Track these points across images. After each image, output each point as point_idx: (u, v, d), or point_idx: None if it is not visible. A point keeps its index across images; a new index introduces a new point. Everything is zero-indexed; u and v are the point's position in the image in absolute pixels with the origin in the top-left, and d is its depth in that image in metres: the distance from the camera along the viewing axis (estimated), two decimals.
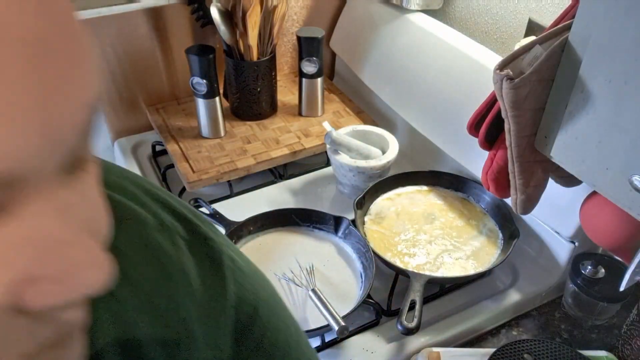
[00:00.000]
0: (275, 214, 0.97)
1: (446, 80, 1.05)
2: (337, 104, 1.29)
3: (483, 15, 1.13)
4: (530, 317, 0.91)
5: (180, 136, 1.16)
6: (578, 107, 0.58)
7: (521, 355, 0.75)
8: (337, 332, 0.76)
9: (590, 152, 0.58)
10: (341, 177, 1.08)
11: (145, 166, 1.20)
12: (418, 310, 0.79)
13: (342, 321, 0.77)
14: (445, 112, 1.05)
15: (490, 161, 0.79)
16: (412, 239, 0.95)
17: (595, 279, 0.85)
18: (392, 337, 0.84)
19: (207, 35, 1.23)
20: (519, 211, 0.75)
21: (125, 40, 1.16)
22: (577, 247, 0.89)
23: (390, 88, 1.19)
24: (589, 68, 0.56)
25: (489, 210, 1.01)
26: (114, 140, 1.28)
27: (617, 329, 0.87)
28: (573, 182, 0.75)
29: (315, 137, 1.18)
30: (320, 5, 1.35)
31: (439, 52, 1.08)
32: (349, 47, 1.33)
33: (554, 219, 0.90)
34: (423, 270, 0.89)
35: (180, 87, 1.28)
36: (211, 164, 1.09)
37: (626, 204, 0.56)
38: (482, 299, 0.91)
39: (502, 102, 0.65)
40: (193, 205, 0.98)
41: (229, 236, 0.92)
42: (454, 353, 0.79)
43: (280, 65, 1.38)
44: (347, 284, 0.88)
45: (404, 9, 1.19)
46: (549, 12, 0.98)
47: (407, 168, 1.10)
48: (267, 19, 1.11)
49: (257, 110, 1.22)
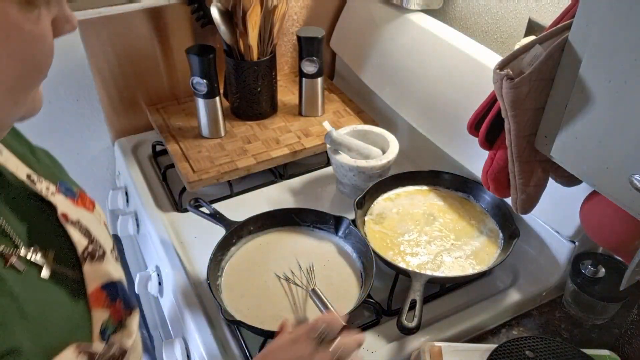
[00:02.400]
0: (276, 213, 0.97)
1: (446, 80, 1.05)
2: (337, 104, 1.29)
3: (483, 15, 1.13)
4: (531, 317, 0.91)
5: (181, 136, 1.17)
6: (578, 107, 0.58)
7: (523, 352, 0.75)
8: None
9: (591, 152, 0.58)
10: (341, 177, 1.08)
11: (145, 166, 1.20)
12: (418, 310, 0.79)
13: (342, 321, 0.77)
14: (445, 112, 1.05)
15: (491, 161, 0.79)
16: (415, 240, 0.95)
17: (596, 279, 0.85)
18: (392, 337, 0.84)
19: (207, 35, 1.23)
20: (519, 211, 0.76)
21: (125, 40, 1.16)
22: (578, 246, 0.89)
23: (390, 88, 1.19)
24: (589, 68, 0.56)
25: (489, 210, 1.01)
26: (114, 140, 1.28)
27: (617, 329, 0.87)
28: (573, 181, 0.75)
29: (315, 137, 1.18)
30: (320, 5, 1.35)
31: (439, 51, 1.08)
32: (349, 47, 1.33)
33: (554, 218, 0.90)
34: (423, 269, 0.89)
35: (180, 87, 1.28)
36: (211, 163, 1.09)
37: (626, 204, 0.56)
38: (483, 298, 0.91)
39: (502, 101, 0.65)
40: (194, 205, 0.98)
41: (230, 236, 0.92)
42: (455, 347, 0.79)
43: (280, 65, 1.38)
44: (348, 284, 0.88)
45: (404, 9, 1.19)
46: (549, 12, 0.98)
47: (407, 168, 1.10)
48: (267, 18, 1.11)
49: (258, 110, 1.22)
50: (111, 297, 0.53)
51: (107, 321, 0.52)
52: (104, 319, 0.51)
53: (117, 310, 0.53)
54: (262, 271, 0.89)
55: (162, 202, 1.10)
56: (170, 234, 1.02)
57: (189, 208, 0.99)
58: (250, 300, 0.85)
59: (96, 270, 0.52)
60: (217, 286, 0.86)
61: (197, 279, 0.94)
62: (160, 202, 1.10)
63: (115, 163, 1.32)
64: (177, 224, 1.05)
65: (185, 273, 0.94)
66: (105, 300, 0.52)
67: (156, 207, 1.09)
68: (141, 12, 1.14)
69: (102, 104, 1.23)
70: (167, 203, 1.10)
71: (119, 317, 0.53)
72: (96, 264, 0.53)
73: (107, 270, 0.54)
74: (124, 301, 0.55)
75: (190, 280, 0.93)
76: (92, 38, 1.13)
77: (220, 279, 0.88)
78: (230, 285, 0.87)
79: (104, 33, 1.13)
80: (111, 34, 1.14)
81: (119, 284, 0.55)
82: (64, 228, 0.52)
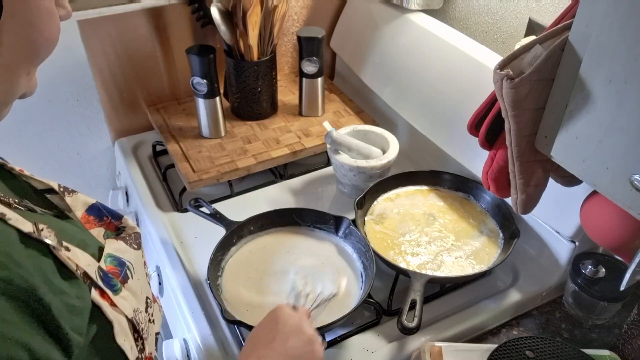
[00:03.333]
0: (276, 213, 0.97)
1: (446, 80, 1.05)
2: (338, 104, 1.29)
3: (483, 15, 1.13)
4: (531, 317, 0.91)
5: (181, 136, 1.17)
6: (578, 107, 0.58)
7: (523, 352, 0.75)
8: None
9: (591, 152, 0.58)
10: (341, 177, 1.08)
11: (145, 166, 1.20)
12: (418, 310, 0.79)
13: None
14: (445, 112, 1.05)
15: (491, 161, 0.79)
16: (416, 240, 0.95)
17: (596, 279, 0.85)
18: (392, 337, 0.84)
19: (208, 35, 1.23)
20: (519, 211, 0.75)
21: (125, 40, 1.16)
22: (578, 246, 0.89)
23: (390, 88, 1.19)
24: (589, 68, 0.56)
25: (490, 210, 1.01)
26: (114, 140, 1.28)
27: (617, 329, 0.87)
28: (573, 181, 0.75)
29: (315, 136, 1.18)
30: (321, 5, 1.35)
31: (439, 51, 1.08)
32: (349, 47, 1.33)
33: (554, 218, 0.90)
34: (424, 269, 0.89)
35: (180, 87, 1.28)
36: (212, 163, 1.09)
37: (626, 204, 0.56)
38: (483, 298, 0.91)
39: (502, 101, 0.65)
40: (194, 205, 0.98)
41: (230, 236, 0.92)
42: (455, 347, 0.79)
43: (280, 65, 1.38)
44: (348, 284, 0.88)
45: (404, 9, 1.19)
46: (549, 12, 0.98)
47: (407, 168, 1.10)
48: (267, 18, 1.11)
49: (258, 110, 1.22)
50: (98, 217, 0.62)
51: (106, 233, 0.62)
52: (102, 234, 0.61)
53: (109, 224, 0.63)
54: (262, 271, 0.89)
55: (163, 202, 1.10)
56: (170, 234, 1.02)
57: (189, 208, 0.99)
58: (250, 300, 0.85)
59: (75, 200, 0.60)
60: (217, 286, 0.86)
61: (197, 279, 0.94)
62: (160, 202, 1.10)
63: (116, 163, 1.32)
64: (177, 224, 1.05)
65: (185, 273, 0.94)
66: (94, 220, 0.61)
67: (156, 207, 1.09)
68: (141, 12, 1.14)
69: (102, 104, 1.23)
70: (167, 203, 1.10)
71: (113, 228, 0.63)
72: (73, 195, 0.60)
73: (84, 198, 0.62)
74: (111, 215, 0.63)
75: (190, 280, 0.93)
76: (92, 38, 1.13)
77: (220, 279, 0.88)
78: (230, 285, 0.87)
79: (104, 33, 1.13)
80: (111, 34, 1.14)
81: (97, 204, 0.62)
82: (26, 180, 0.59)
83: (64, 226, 0.54)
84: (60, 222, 0.54)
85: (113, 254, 0.57)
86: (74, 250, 0.50)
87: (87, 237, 0.56)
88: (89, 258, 0.52)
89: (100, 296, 0.50)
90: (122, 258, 0.57)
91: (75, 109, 1.24)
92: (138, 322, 0.55)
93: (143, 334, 0.57)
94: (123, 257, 0.58)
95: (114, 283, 0.53)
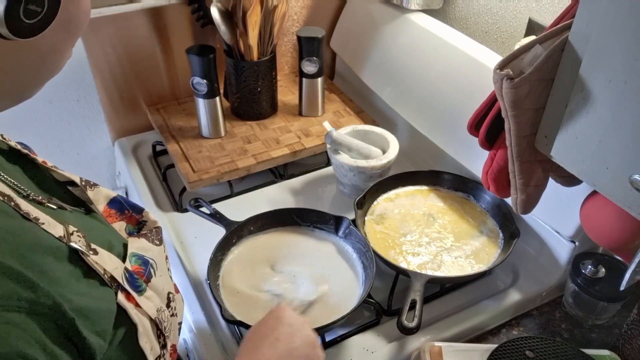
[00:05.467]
0: (276, 213, 0.97)
1: (446, 80, 1.05)
2: (338, 104, 1.29)
3: (483, 15, 1.13)
4: (531, 317, 0.91)
5: (181, 136, 1.17)
6: (578, 107, 0.58)
7: (523, 352, 0.75)
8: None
9: (591, 152, 0.58)
10: (341, 177, 1.08)
11: (145, 166, 1.20)
12: (418, 310, 0.79)
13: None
14: (445, 112, 1.05)
15: (491, 161, 0.79)
16: (417, 240, 0.95)
17: (596, 279, 0.85)
18: (392, 337, 0.84)
19: (207, 35, 1.23)
20: (519, 211, 0.75)
21: (125, 40, 1.16)
22: (578, 246, 0.89)
23: (390, 88, 1.19)
24: (589, 68, 0.56)
25: (490, 210, 1.01)
26: (114, 140, 1.28)
27: (617, 329, 0.87)
28: (573, 181, 0.75)
29: (315, 136, 1.18)
30: (321, 5, 1.35)
31: (439, 51, 1.08)
32: (349, 47, 1.33)
33: (554, 218, 0.90)
34: (423, 269, 0.89)
35: (180, 87, 1.28)
36: (212, 163, 1.09)
37: (626, 204, 0.56)
38: (483, 298, 0.91)
39: (502, 101, 0.65)
40: (194, 205, 0.98)
41: (230, 236, 0.92)
42: (455, 347, 0.79)
43: (280, 65, 1.38)
44: (348, 284, 0.88)
45: (404, 9, 1.19)
46: (549, 12, 0.98)
47: (407, 168, 1.10)
48: (267, 18, 1.11)
49: (258, 110, 1.22)
50: (119, 210, 0.63)
51: (127, 227, 0.64)
52: (123, 228, 0.63)
53: (130, 218, 0.64)
54: (262, 271, 0.89)
55: (162, 202, 1.10)
56: (170, 234, 1.02)
57: (189, 208, 0.99)
58: (250, 300, 0.85)
59: (96, 193, 0.62)
60: (217, 286, 0.86)
61: (197, 279, 0.94)
62: (160, 202, 1.10)
63: (116, 163, 1.32)
64: (177, 224, 1.05)
65: (185, 273, 0.94)
66: (116, 214, 0.63)
67: (156, 207, 1.09)
68: (141, 12, 1.14)
69: (103, 104, 1.23)
70: (167, 203, 1.10)
71: (135, 222, 0.64)
72: (95, 189, 0.62)
73: (105, 192, 0.63)
74: (132, 209, 0.65)
75: (190, 280, 0.93)
76: (92, 38, 1.13)
77: (220, 279, 0.88)
78: (230, 285, 0.87)
79: (104, 33, 1.13)
80: (111, 34, 1.14)
81: (119, 197, 0.63)
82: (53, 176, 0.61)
83: (91, 225, 0.55)
84: (88, 220, 0.55)
85: (137, 253, 0.57)
86: (102, 253, 0.50)
87: (112, 235, 0.57)
88: (116, 260, 0.52)
89: (126, 299, 0.51)
90: (146, 256, 0.58)
91: (75, 109, 1.24)
92: (161, 321, 0.56)
93: (165, 332, 0.57)
94: (146, 255, 0.58)
95: (139, 284, 0.54)
